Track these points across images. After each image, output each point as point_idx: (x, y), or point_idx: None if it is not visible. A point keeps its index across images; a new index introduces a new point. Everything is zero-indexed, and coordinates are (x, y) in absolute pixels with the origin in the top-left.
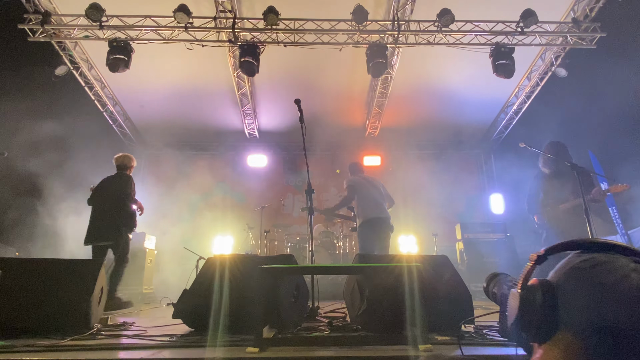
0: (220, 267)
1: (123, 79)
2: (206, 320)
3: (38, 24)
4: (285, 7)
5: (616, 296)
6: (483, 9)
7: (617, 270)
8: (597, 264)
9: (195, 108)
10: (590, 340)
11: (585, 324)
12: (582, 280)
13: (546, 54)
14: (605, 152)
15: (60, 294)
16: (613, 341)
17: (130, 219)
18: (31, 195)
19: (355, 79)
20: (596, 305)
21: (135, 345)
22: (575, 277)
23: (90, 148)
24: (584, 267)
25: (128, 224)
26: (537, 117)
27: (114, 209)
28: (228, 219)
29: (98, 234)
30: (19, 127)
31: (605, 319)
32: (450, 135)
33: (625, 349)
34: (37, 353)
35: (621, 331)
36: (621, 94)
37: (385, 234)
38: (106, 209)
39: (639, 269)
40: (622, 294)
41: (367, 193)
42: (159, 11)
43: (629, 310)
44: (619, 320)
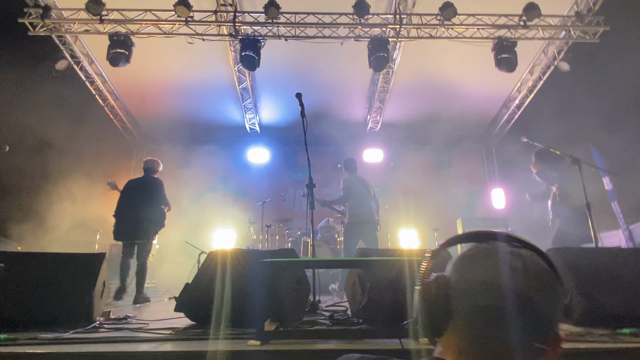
0: (221, 261)
1: (124, 73)
2: (208, 314)
3: (38, 18)
4: (286, 1)
5: (492, 277)
6: (485, 2)
7: (494, 254)
8: (478, 252)
9: (196, 102)
10: (475, 322)
11: (469, 307)
12: (465, 268)
13: (549, 48)
14: (608, 147)
15: (62, 288)
16: (494, 319)
17: (162, 220)
18: (33, 189)
19: (357, 73)
20: (478, 288)
21: (138, 338)
22: (461, 266)
23: (91, 142)
24: (468, 256)
25: (161, 224)
26: (539, 111)
27: (150, 210)
28: (229, 214)
29: (133, 232)
30: (20, 122)
31: (484, 299)
32: (451, 130)
33: (502, 325)
34: (40, 346)
35: (498, 309)
36: (624, 88)
37: (372, 236)
38: (142, 210)
39: (518, 252)
40: (496, 274)
41: (359, 194)
42: (160, 5)
43: (504, 288)
44: (495, 299)
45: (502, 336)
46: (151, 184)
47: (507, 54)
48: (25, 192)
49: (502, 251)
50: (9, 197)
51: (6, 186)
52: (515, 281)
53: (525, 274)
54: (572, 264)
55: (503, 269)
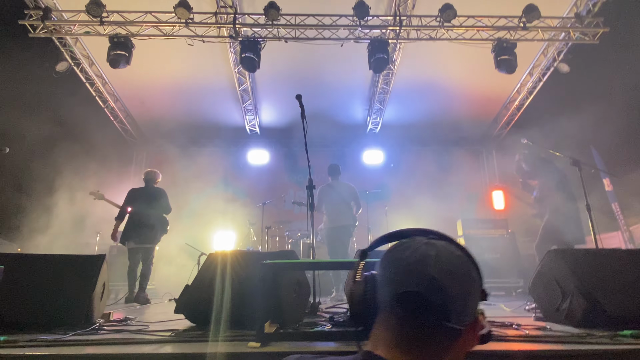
0: (221, 262)
1: (124, 75)
2: (208, 316)
3: (39, 20)
4: (286, 3)
5: (408, 265)
6: (485, 4)
7: (411, 246)
8: (398, 246)
9: (196, 104)
10: (396, 311)
11: (390, 297)
12: (387, 261)
13: (548, 50)
14: (608, 148)
15: (62, 290)
16: (411, 305)
17: (166, 226)
18: (33, 192)
19: (357, 75)
20: (397, 277)
21: (138, 340)
22: (384, 261)
23: (91, 144)
24: (390, 251)
25: (165, 230)
26: (539, 113)
27: (155, 217)
28: (229, 215)
29: (140, 237)
30: (20, 124)
31: (402, 287)
32: (451, 131)
33: (419, 309)
34: (40, 348)
35: (415, 295)
36: (624, 89)
37: (346, 239)
38: (149, 217)
39: (432, 242)
40: (412, 263)
41: (330, 202)
42: (160, 7)
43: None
44: (411, 285)
45: (420, 320)
46: (157, 193)
47: (506, 55)
48: (25, 193)
49: (418, 243)
50: (9, 198)
51: (6, 188)
52: (429, 267)
53: (437, 260)
54: (573, 265)
55: (417, 258)
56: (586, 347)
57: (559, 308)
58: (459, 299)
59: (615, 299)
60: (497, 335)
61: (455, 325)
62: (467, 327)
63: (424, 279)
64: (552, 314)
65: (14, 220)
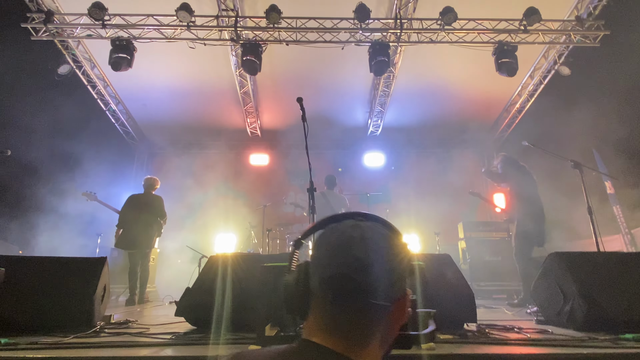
0: (222, 265)
1: (126, 77)
2: (209, 318)
3: (41, 23)
4: (287, 6)
5: (333, 249)
6: (486, 7)
7: (338, 229)
8: (327, 231)
9: (197, 107)
10: (326, 294)
11: (320, 281)
12: (316, 248)
13: (549, 52)
14: (609, 150)
15: (63, 292)
16: (339, 287)
17: (160, 230)
18: (35, 194)
19: (358, 78)
20: (323, 262)
21: (138, 343)
22: (315, 248)
23: (93, 146)
24: (319, 237)
25: (159, 233)
26: (540, 115)
27: (153, 223)
28: (230, 218)
29: (139, 242)
30: (22, 126)
31: (329, 270)
32: (452, 134)
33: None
34: (40, 350)
35: (341, 276)
36: (625, 92)
37: None
38: (147, 223)
39: (358, 223)
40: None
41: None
42: (162, 10)
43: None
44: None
45: (348, 301)
46: (155, 201)
47: (507, 58)
48: (27, 196)
49: (344, 226)
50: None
51: (8, 190)
52: (353, 248)
53: (361, 241)
54: (575, 268)
55: (343, 240)
56: (588, 350)
57: (560, 311)
58: (385, 277)
59: (617, 302)
60: (498, 338)
61: (382, 302)
62: (394, 303)
63: (349, 260)
64: (554, 317)
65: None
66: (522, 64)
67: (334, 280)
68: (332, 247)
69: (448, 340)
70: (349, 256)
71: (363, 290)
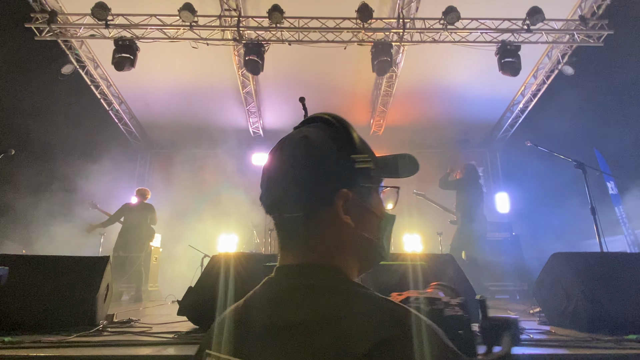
0: (224, 264)
1: (129, 77)
2: (211, 318)
3: (45, 23)
4: (289, 5)
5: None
6: (489, 6)
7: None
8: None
9: (200, 106)
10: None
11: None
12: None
13: (553, 52)
14: (612, 150)
15: (66, 291)
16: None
17: (153, 235)
18: (38, 193)
19: (360, 77)
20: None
21: (141, 342)
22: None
23: (96, 146)
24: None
25: (151, 238)
26: (543, 115)
27: (146, 229)
28: (232, 217)
29: (128, 247)
30: (25, 126)
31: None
32: (455, 134)
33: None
34: (43, 349)
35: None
36: (628, 91)
37: None
38: (141, 230)
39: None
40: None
41: None
42: (164, 10)
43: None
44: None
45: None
46: (146, 209)
47: (510, 57)
48: (30, 195)
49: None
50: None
51: (11, 189)
52: (269, 164)
53: (277, 154)
54: (577, 269)
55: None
56: (591, 351)
57: (563, 312)
58: (301, 183)
59: (621, 303)
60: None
61: (291, 214)
62: (310, 210)
63: (264, 179)
64: (557, 317)
65: (18, 221)
66: (525, 63)
67: (261, 201)
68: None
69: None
70: (264, 175)
71: (275, 206)
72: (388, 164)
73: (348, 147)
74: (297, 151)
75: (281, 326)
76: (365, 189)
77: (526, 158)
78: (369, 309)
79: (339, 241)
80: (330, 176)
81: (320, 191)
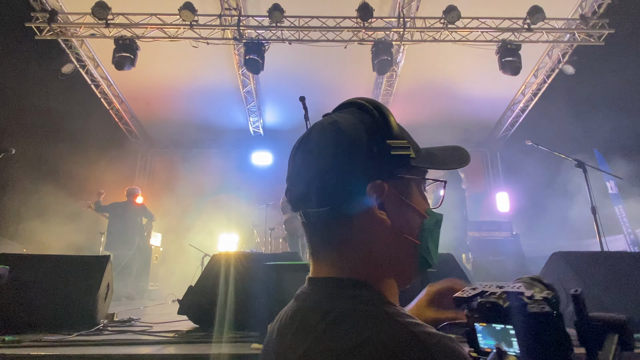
0: (225, 264)
1: (129, 76)
2: (211, 317)
3: (45, 22)
4: (290, 5)
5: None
6: (489, 5)
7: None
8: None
9: (200, 106)
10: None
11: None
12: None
13: (553, 51)
14: (613, 150)
15: (67, 290)
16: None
17: (143, 232)
18: (38, 192)
19: (360, 77)
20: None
21: (141, 340)
22: None
23: (96, 145)
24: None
25: (142, 235)
26: (544, 114)
27: (133, 228)
28: (233, 217)
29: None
30: (26, 125)
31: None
32: (455, 133)
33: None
34: (44, 348)
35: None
36: (629, 91)
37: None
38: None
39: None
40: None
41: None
42: (165, 9)
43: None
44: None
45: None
46: (136, 207)
47: (511, 57)
48: (31, 194)
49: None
50: (15, 199)
51: (12, 189)
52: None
53: (303, 143)
54: (578, 268)
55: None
56: None
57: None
58: (327, 176)
59: (622, 303)
60: None
61: (317, 209)
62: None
63: (289, 171)
64: None
65: (19, 220)
66: (525, 62)
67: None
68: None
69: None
70: (291, 161)
71: (300, 201)
72: (431, 154)
73: (384, 133)
74: (324, 138)
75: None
76: (405, 182)
77: (526, 157)
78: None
79: (374, 244)
80: (362, 165)
81: (349, 182)
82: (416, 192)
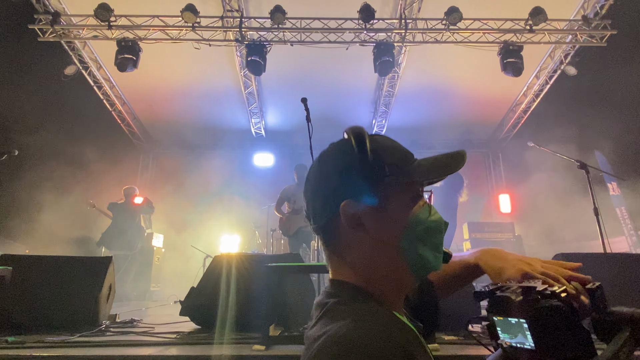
0: (227, 265)
1: (131, 78)
2: (213, 318)
3: (48, 24)
4: (292, 6)
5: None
6: (491, 6)
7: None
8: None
9: (202, 107)
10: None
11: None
12: None
13: (555, 52)
14: (615, 151)
15: (69, 291)
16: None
17: (143, 233)
18: (41, 193)
19: (362, 78)
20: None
21: (143, 342)
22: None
23: (99, 147)
24: None
25: (141, 236)
26: (546, 116)
27: (132, 228)
28: (235, 218)
29: (117, 245)
30: (29, 126)
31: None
32: (457, 134)
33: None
34: (47, 349)
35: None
36: (631, 92)
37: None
38: (127, 228)
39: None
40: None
41: (294, 204)
42: (167, 11)
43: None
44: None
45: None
46: (134, 207)
47: (513, 58)
48: (33, 195)
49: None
50: (17, 200)
51: (14, 190)
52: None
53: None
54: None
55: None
56: None
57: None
58: (315, 199)
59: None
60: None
61: (313, 225)
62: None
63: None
64: None
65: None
66: (527, 64)
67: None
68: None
69: (452, 341)
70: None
71: (306, 215)
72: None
73: (361, 155)
74: (312, 168)
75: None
76: (383, 196)
77: (529, 159)
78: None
79: (360, 253)
80: (334, 188)
81: (327, 204)
82: (398, 204)
